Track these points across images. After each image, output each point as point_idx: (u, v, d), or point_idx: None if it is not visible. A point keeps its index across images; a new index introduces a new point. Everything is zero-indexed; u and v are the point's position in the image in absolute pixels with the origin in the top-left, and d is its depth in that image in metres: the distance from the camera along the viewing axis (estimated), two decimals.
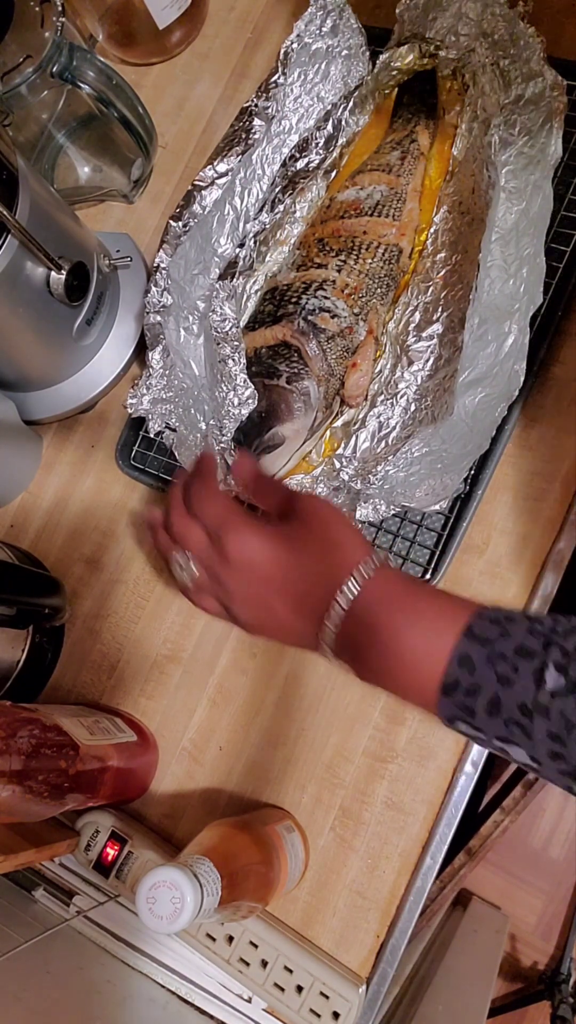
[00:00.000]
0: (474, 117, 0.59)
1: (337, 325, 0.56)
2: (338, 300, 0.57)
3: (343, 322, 0.57)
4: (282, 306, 0.58)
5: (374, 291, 0.58)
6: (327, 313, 0.57)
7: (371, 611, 0.37)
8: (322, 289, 0.57)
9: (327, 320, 0.56)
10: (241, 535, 0.42)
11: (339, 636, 0.38)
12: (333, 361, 0.56)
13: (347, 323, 0.57)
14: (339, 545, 0.40)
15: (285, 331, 0.57)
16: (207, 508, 0.44)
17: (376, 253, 0.58)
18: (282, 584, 0.41)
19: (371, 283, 0.58)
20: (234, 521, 0.42)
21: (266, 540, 0.41)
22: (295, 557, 0.40)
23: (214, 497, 0.44)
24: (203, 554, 0.44)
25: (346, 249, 0.58)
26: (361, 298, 0.57)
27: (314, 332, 0.56)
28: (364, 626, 0.37)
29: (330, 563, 0.39)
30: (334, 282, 0.57)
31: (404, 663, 0.34)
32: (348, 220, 0.59)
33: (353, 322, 0.57)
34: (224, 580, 0.43)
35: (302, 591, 0.40)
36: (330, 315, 0.57)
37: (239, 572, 0.42)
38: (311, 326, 0.56)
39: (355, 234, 0.59)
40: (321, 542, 0.40)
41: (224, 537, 0.42)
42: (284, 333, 0.57)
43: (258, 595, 0.42)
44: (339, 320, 0.57)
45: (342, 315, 0.57)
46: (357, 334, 0.57)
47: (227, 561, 0.42)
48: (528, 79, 0.56)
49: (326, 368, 0.56)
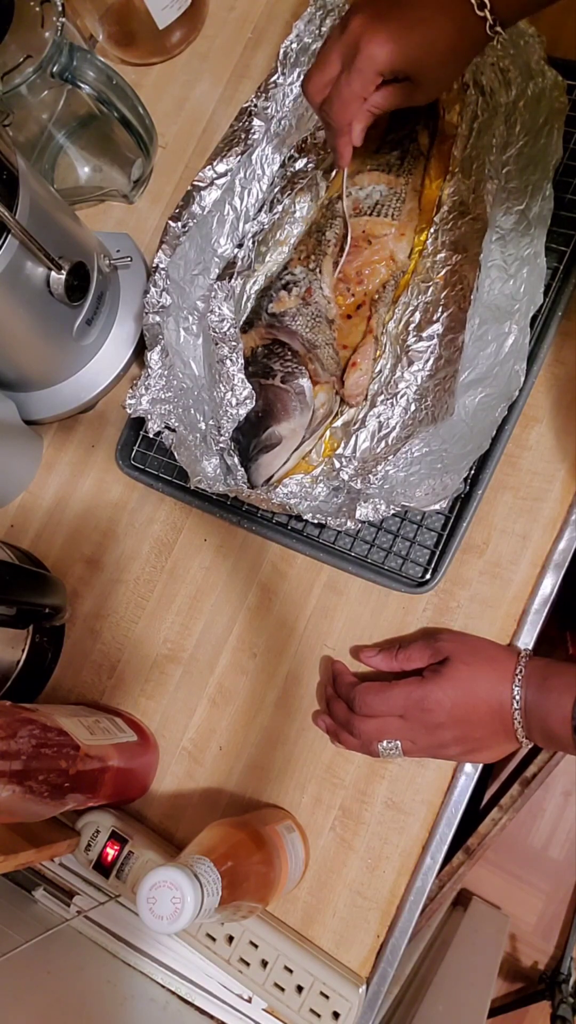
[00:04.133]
0: (474, 117, 0.59)
1: (296, 295, 0.57)
2: (296, 268, 0.58)
3: (301, 288, 0.57)
4: (259, 304, 0.59)
5: (324, 243, 0.59)
6: (284, 290, 0.58)
7: (531, 700, 0.47)
8: (285, 269, 0.59)
9: (284, 300, 0.58)
10: (430, 695, 0.48)
11: (525, 731, 0.48)
12: (309, 332, 0.57)
13: (305, 285, 0.57)
14: (492, 660, 0.49)
15: (259, 331, 0.57)
16: (378, 701, 0.50)
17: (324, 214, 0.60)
18: (473, 716, 0.48)
19: (320, 236, 0.59)
20: (415, 691, 0.49)
21: (446, 688, 0.48)
22: (471, 688, 0.48)
23: (378, 690, 0.50)
24: (404, 733, 0.50)
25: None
26: (314, 254, 0.59)
27: (278, 318, 0.57)
28: (533, 714, 0.47)
29: (494, 680, 0.48)
30: (292, 258, 0.59)
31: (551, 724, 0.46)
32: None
33: (312, 280, 0.58)
34: (435, 738, 0.49)
35: (486, 714, 0.48)
36: (287, 290, 0.58)
37: (441, 728, 0.49)
38: (272, 316, 0.57)
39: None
40: (478, 666, 0.49)
41: (420, 705, 0.48)
42: (259, 335, 0.57)
43: (464, 735, 0.49)
44: (298, 288, 0.58)
45: (300, 280, 0.58)
46: (319, 292, 0.58)
47: (430, 725, 0.49)
48: (528, 79, 0.56)
49: (307, 343, 0.57)
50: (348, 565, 0.57)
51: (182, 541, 0.62)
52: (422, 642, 0.52)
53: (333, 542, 0.58)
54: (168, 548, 0.62)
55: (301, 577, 0.59)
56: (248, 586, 0.60)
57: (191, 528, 0.62)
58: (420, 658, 0.51)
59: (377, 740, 0.51)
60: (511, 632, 0.54)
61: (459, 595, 0.56)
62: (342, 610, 0.58)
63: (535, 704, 0.47)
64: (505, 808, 1.05)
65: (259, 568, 0.60)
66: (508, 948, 1.26)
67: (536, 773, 1.06)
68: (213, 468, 0.57)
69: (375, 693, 0.50)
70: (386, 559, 0.56)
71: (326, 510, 0.55)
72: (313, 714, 0.57)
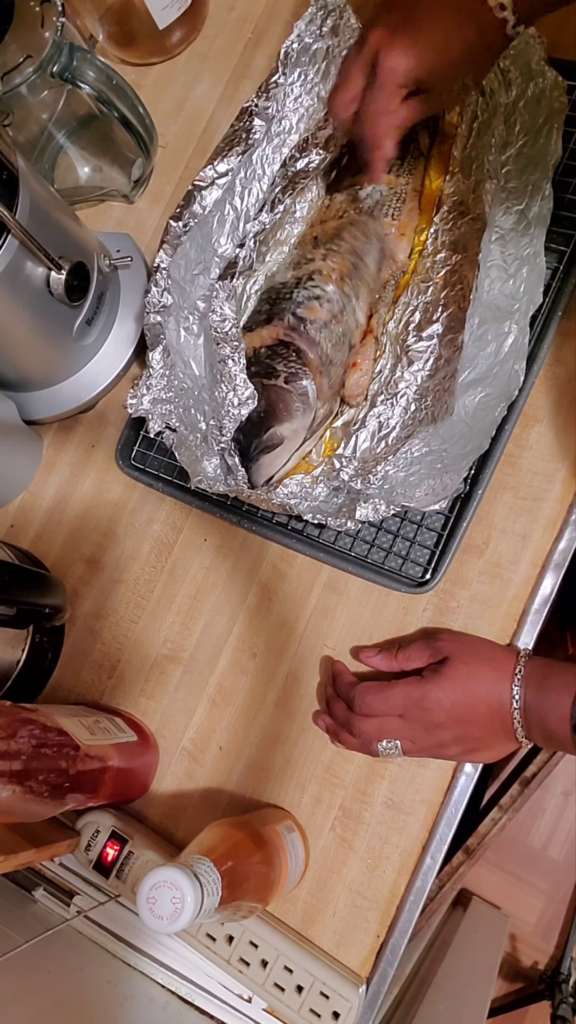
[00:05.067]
0: (474, 117, 0.59)
1: (328, 311, 0.56)
2: (327, 285, 0.57)
3: (334, 306, 0.56)
4: (276, 304, 0.58)
5: (363, 268, 0.58)
6: (316, 301, 0.57)
7: (530, 700, 0.47)
8: (311, 279, 0.57)
9: (316, 309, 0.56)
10: (429, 695, 0.48)
11: (525, 730, 0.48)
12: (331, 349, 0.56)
13: (339, 306, 0.57)
14: (491, 659, 0.49)
15: (278, 329, 0.57)
16: (377, 701, 0.50)
17: (357, 235, 0.58)
18: (472, 716, 0.48)
19: (357, 260, 0.58)
20: (415, 691, 0.49)
21: (445, 688, 0.48)
22: (471, 688, 0.48)
23: (377, 690, 0.50)
24: (404, 732, 0.50)
25: (333, 238, 0.59)
26: (351, 278, 0.57)
27: (304, 324, 0.56)
28: (532, 713, 0.47)
29: (494, 680, 0.48)
30: (321, 271, 0.57)
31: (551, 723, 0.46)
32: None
33: (345, 303, 0.57)
34: (434, 738, 0.49)
35: (485, 713, 0.48)
36: (319, 302, 0.57)
37: (441, 727, 0.49)
38: (300, 320, 0.56)
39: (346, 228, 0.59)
40: (478, 666, 0.49)
41: (419, 705, 0.48)
42: (277, 332, 0.57)
43: (463, 735, 0.49)
44: (330, 305, 0.56)
45: (333, 299, 0.57)
46: (351, 316, 0.57)
47: (429, 724, 0.49)
48: (528, 79, 0.56)
49: (325, 357, 0.56)
50: (348, 565, 0.57)
51: (182, 541, 0.62)
52: (421, 642, 0.52)
53: (333, 542, 0.58)
54: (168, 548, 0.62)
55: (301, 577, 0.59)
56: (248, 586, 0.60)
57: (191, 528, 0.62)
58: (419, 658, 0.51)
59: (377, 740, 0.51)
60: (511, 632, 0.54)
61: (459, 595, 0.56)
62: (342, 610, 0.58)
63: (534, 703, 0.47)
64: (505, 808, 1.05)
65: (259, 568, 0.60)
66: (508, 948, 1.26)
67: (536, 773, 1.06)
68: (213, 468, 0.57)
69: (374, 692, 0.50)
70: (386, 559, 0.56)
71: (326, 510, 0.55)
72: (313, 714, 0.57)
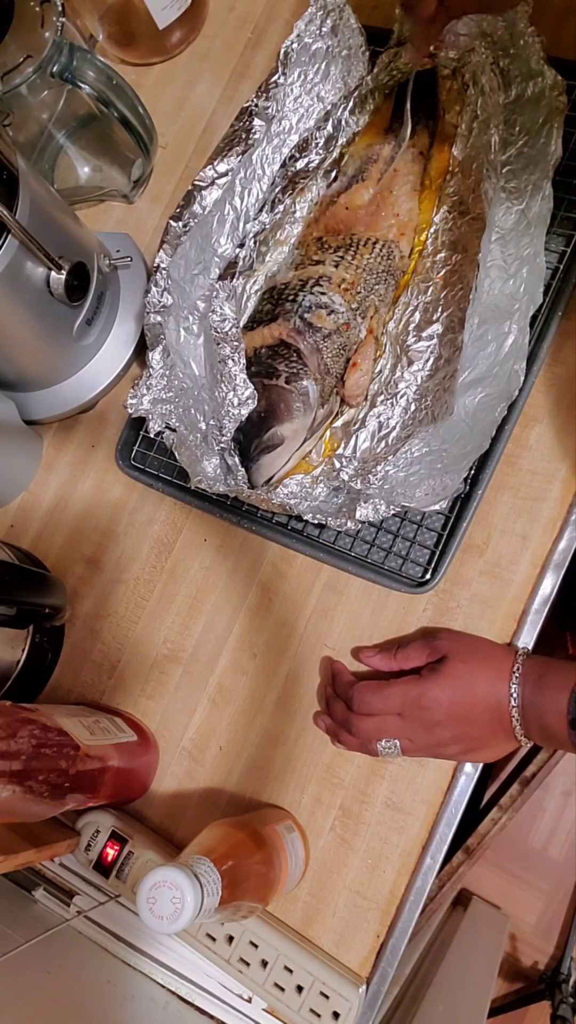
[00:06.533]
0: (474, 117, 0.59)
1: (334, 322, 0.56)
2: (335, 295, 0.57)
3: (340, 318, 0.56)
4: (280, 304, 0.58)
5: (372, 287, 0.58)
6: (324, 310, 0.56)
7: (528, 698, 0.48)
8: (319, 285, 0.57)
9: (323, 318, 0.56)
10: (427, 693, 0.48)
11: (523, 729, 0.48)
12: (330, 360, 0.56)
13: (344, 319, 0.57)
14: (489, 658, 0.49)
15: (282, 329, 0.57)
16: (375, 700, 0.50)
17: (373, 249, 0.58)
18: (470, 714, 0.48)
19: (369, 278, 0.57)
20: (413, 689, 0.49)
21: (443, 686, 0.48)
22: (469, 686, 0.49)
23: (376, 689, 0.51)
24: (403, 731, 0.50)
25: (344, 246, 0.58)
26: (359, 294, 0.57)
27: (310, 331, 0.56)
28: (530, 711, 0.47)
29: (492, 678, 0.48)
30: (330, 278, 0.57)
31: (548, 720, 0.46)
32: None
33: (351, 317, 0.57)
34: (433, 736, 0.49)
35: (484, 711, 0.48)
36: (327, 311, 0.56)
37: (439, 726, 0.49)
38: (307, 324, 0.56)
39: (353, 230, 0.59)
40: (476, 664, 0.49)
41: (417, 703, 0.49)
42: (281, 332, 0.57)
43: (462, 733, 0.49)
44: (336, 316, 0.56)
45: (339, 311, 0.57)
46: (355, 331, 0.57)
47: (428, 723, 0.49)
48: (528, 79, 0.56)
49: (323, 366, 0.56)
50: (348, 565, 0.57)
51: (182, 541, 0.62)
52: (420, 641, 0.52)
53: (333, 542, 0.58)
54: (168, 548, 0.62)
55: (301, 577, 0.59)
56: (248, 586, 0.60)
57: (191, 528, 0.62)
58: (418, 657, 0.52)
59: (375, 739, 0.51)
60: (511, 632, 0.54)
61: (459, 595, 0.56)
62: (342, 610, 0.58)
63: (532, 701, 0.47)
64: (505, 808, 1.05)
65: (259, 568, 0.60)
66: (508, 948, 1.26)
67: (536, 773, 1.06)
68: (213, 468, 0.57)
69: (373, 691, 0.50)
70: (386, 559, 0.56)
71: (326, 510, 0.55)
72: (313, 715, 0.57)
